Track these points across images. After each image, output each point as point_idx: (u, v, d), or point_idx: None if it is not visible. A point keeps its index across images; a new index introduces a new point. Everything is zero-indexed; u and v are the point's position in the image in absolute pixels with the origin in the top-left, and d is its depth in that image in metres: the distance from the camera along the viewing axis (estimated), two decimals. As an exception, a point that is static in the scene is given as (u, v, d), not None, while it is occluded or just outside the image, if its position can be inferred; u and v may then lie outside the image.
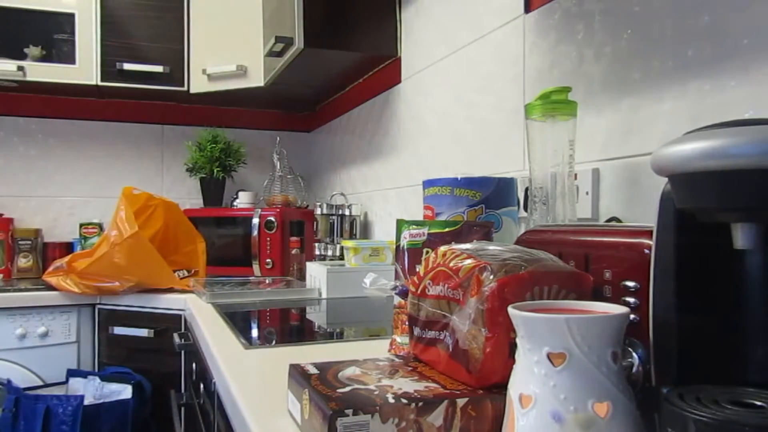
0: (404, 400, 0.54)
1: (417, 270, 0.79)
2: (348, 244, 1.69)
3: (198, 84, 2.39)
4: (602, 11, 1.05)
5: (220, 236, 2.32)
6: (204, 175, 2.60)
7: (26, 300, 1.94)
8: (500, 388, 0.54)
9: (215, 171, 2.57)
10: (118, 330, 1.95)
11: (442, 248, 0.69)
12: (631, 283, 0.58)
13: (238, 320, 1.31)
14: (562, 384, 0.46)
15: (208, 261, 2.17)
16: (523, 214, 1.14)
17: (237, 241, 2.28)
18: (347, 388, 0.58)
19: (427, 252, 0.82)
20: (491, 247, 0.65)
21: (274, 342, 1.14)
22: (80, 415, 1.70)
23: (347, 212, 2.14)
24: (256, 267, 2.23)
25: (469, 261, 0.62)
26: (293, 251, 2.13)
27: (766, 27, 0.78)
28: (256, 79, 2.26)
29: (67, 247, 2.52)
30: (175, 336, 1.56)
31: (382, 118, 2.06)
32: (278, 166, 2.59)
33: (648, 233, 0.56)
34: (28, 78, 2.25)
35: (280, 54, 1.94)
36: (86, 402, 1.76)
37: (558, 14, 1.16)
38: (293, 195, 2.53)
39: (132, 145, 2.75)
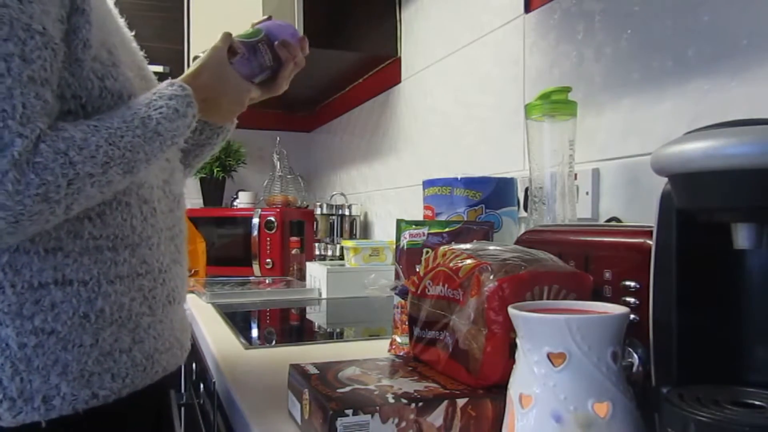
0: (404, 400, 0.54)
1: (417, 270, 0.79)
2: (348, 244, 1.69)
3: (198, 84, 2.38)
4: (602, 11, 1.05)
5: (220, 236, 2.32)
6: (204, 175, 2.60)
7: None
8: (500, 388, 0.54)
9: (215, 171, 2.57)
10: (118, 330, 1.94)
11: (442, 248, 0.70)
12: (631, 283, 0.58)
13: (238, 320, 1.31)
14: (562, 384, 0.46)
15: (208, 261, 2.17)
16: (523, 214, 1.14)
17: (237, 241, 2.28)
18: (347, 388, 0.58)
19: (427, 252, 0.82)
20: (491, 247, 0.65)
21: (274, 342, 1.14)
22: (80, 415, 1.70)
23: (347, 212, 2.14)
24: (256, 267, 2.23)
25: (469, 261, 0.62)
26: (293, 251, 2.13)
27: (766, 27, 0.78)
28: (256, 79, 2.25)
29: (67, 247, 2.52)
30: (175, 336, 1.56)
31: (382, 118, 2.06)
32: (278, 166, 2.59)
33: (648, 233, 0.56)
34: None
35: (280, 54, 1.93)
36: (86, 402, 1.75)
37: (558, 14, 1.16)
38: (293, 195, 2.53)
39: (132, 145, 2.75)
